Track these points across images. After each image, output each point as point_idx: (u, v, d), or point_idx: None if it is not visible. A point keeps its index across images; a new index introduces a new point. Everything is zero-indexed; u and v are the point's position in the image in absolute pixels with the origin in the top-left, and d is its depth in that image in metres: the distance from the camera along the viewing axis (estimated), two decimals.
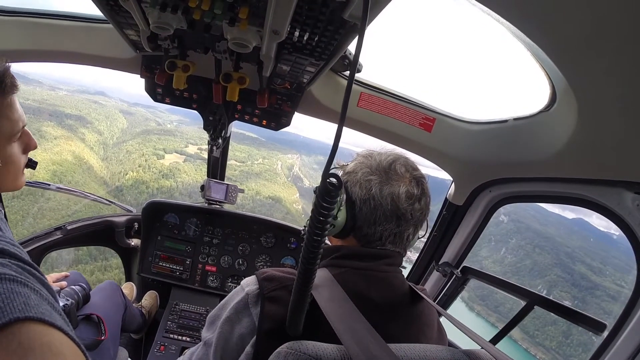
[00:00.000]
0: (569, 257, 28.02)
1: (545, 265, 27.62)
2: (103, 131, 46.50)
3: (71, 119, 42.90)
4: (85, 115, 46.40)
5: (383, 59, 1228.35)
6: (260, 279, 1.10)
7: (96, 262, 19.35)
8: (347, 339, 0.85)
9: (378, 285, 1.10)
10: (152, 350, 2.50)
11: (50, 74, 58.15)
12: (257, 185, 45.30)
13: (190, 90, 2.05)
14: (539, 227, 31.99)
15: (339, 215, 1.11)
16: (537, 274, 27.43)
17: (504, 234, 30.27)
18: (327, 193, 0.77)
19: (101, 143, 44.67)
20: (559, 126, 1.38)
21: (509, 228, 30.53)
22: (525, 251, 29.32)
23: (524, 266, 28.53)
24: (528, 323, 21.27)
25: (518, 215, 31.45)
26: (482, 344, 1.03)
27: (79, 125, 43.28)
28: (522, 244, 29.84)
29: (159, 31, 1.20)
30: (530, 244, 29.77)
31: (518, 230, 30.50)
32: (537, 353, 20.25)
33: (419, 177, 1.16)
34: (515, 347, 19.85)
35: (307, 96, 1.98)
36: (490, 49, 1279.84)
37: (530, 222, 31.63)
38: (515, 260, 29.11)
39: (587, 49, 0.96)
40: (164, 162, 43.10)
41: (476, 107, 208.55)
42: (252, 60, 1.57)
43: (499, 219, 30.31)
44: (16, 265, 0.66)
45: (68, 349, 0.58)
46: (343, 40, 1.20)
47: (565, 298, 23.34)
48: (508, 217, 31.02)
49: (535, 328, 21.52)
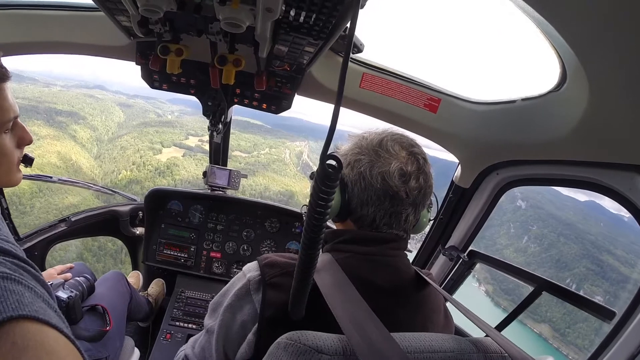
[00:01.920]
0: (594, 246, 26.99)
1: (573, 256, 26.65)
2: (97, 126, 45.49)
3: (62, 115, 42.01)
4: (78, 110, 45.38)
5: (386, 38, 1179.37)
6: (262, 264, 1.08)
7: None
8: (349, 328, 0.83)
9: (383, 270, 1.07)
10: (159, 339, 2.52)
11: (50, 71, 58.21)
12: (265, 179, 43.17)
13: (188, 76, 2.02)
14: (558, 213, 31.18)
15: (333, 199, 1.08)
16: (565, 266, 26.37)
17: (523, 221, 29.50)
18: (327, 176, 0.74)
19: (95, 139, 43.62)
20: (569, 107, 1.33)
21: (528, 214, 29.76)
22: (549, 240, 28.42)
23: (549, 257, 27.69)
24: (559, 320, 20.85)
25: (536, 201, 30.62)
26: (487, 331, 1.00)
27: (71, 121, 42.37)
28: (545, 232, 29.00)
29: (148, 14, 1.16)
30: (553, 232, 28.89)
31: (539, 217, 29.73)
32: (569, 353, 19.61)
33: (415, 154, 1.11)
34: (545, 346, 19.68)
35: (307, 78, 1.93)
36: (499, 27, 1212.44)
37: (549, 207, 30.77)
38: (540, 249, 28.29)
39: (600, 24, 0.91)
40: (160, 158, 41.60)
41: (483, 87, 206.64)
42: (247, 42, 1.53)
43: (516, 205, 29.72)
44: (10, 263, 0.65)
45: (62, 347, 0.57)
46: (342, 18, 1.15)
47: (596, 293, 22.62)
48: (526, 202, 30.25)
49: (566, 326, 21.07)
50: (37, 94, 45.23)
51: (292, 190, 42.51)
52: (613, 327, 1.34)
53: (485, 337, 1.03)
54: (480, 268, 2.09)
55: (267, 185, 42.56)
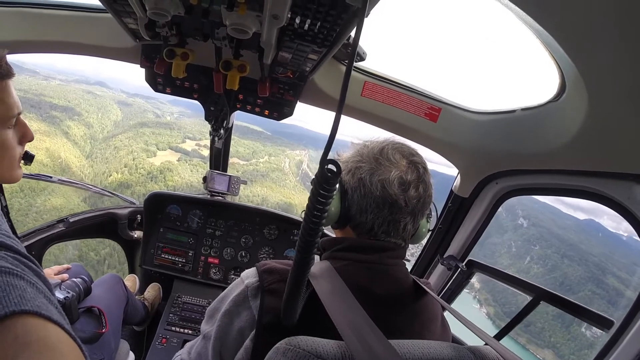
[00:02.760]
0: (598, 268, 26.43)
1: (577, 278, 26.04)
2: (93, 124, 44.00)
3: (58, 110, 40.63)
4: (75, 106, 43.91)
5: (388, 47, 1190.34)
6: (261, 271, 1.08)
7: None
8: (348, 334, 0.83)
9: (381, 279, 1.07)
10: (154, 343, 2.50)
11: (53, 65, 57.65)
12: (263, 189, 41.97)
13: (191, 80, 2.03)
14: (560, 232, 30.60)
15: (332, 205, 1.08)
16: (569, 289, 25.57)
17: (525, 240, 28.85)
18: (326, 180, 0.74)
19: (88, 137, 42.05)
20: (568, 117, 1.34)
21: (530, 233, 29.13)
22: (552, 261, 27.79)
23: (552, 279, 26.99)
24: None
25: (538, 219, 30.16)
26: (486, 339, 1.00)
27: (65, 117, 40.92)
28: (548, 252, 28.35)
29: (156, 18, 1.17)
30: (557, 253, 28.23)
31: (541, 235, 29.14)
32: None
33: (416, 163, 1.12)
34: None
35: (309, 85, 1.95)
36: (499, 37, 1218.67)
37: (550, 225, 30.25)
38: (543, 271, 27.70)
39: (599, 36, 0.93)
40: (154, 162, 39.82)
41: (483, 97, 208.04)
42: (252, 48, 1.55)
43: (517, 222, 29.24)
44: (12, 258, 0.65)
45: (64, 343, 0.57)
46: (345, 27, 1.16)
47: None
48: (528, 220, 29.79)
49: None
50: (34, 86, 43.99)
51: (292, 203, 41.46)
52: (611, 336, 1.34)
53: (484, 346, 1.03)
54: (481, 288, 2.08)
55: (265, 196, 41.48)
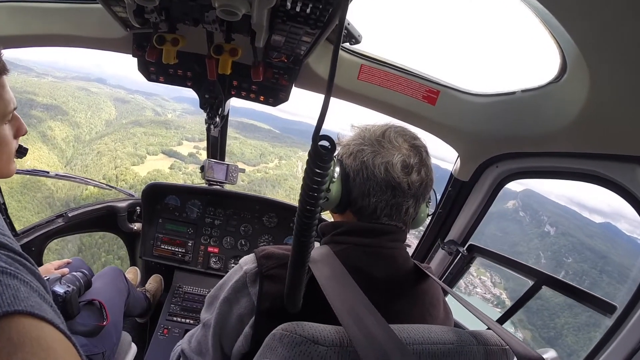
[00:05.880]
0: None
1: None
2: (81, 123, 41.08)
3: (40, 108, 37.76)
4: (62, 104, 40.92)
5: (384, 30, 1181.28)
6: (259, 256, 1.07)
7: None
8: (347, 319, 0.82)
9: (381, 263, 1.06)
10: (156, 334, 2.51)
11: (55, 62, 55.93)
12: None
13: (184, 68, 2.00)
14: (589, 241, 29.24)
15: (333, 189, 1.07)
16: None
17: (556, 251, 27.69)
18: (320, 157, 0.71)
19: (73, 139, 39.04)
20: (569, 98, 1.31)
21: (561, 243, 28.02)
22: (591, 278, 26.73)
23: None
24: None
25: (565, 227, 29.11)
26: (488, 323, 1.00)
27: (48, 117, 38.04)
28: (585, 268, 27.38)
29: (144, 3, 1.16)
30: (594, 268, 27.28)
31: (573, 247, 28.09)
32: None
33: (417, 147, 1.11)
34: None
35: (305, 69, 1.91)
36: (497, 18, 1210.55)
37: (579, 234, 28.89)
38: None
39: (600, 12, 0.89)
40: (139, 171, 35.58)
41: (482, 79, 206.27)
42: (243, 31, 1.51)
43: (544, 230, 28.43)
44: (6, 256, 0.64)
45: (59, 343, 0.56)
46: (337, 7, 1.13)
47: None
48: (555, 228, 28.76)
49: None
50: (19, 83, 41.31)
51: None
52: (614, 321, 1.33)
53: (486, 330, 1.02)
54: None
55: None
